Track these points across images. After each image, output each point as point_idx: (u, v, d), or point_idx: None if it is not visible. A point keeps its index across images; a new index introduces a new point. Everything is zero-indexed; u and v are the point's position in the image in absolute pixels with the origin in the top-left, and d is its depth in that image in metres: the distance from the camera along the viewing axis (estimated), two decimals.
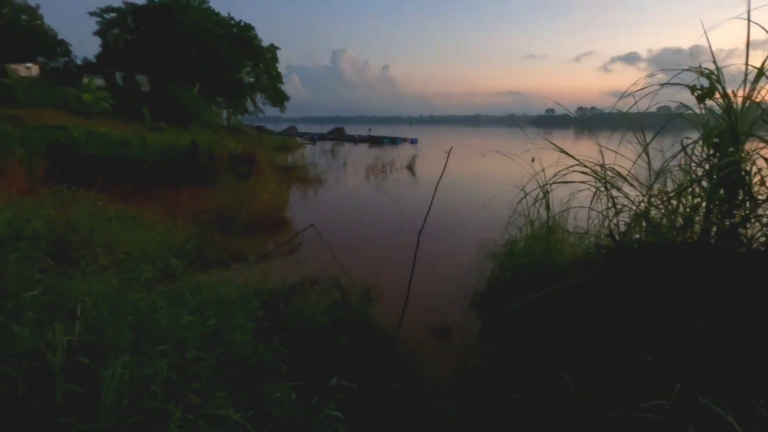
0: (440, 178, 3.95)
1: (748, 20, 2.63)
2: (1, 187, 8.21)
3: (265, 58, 37.89)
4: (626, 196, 3.07)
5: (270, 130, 49.88)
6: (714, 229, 2.56)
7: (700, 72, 2.62)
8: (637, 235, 2.92)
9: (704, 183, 2.62)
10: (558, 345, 3.00)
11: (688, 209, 2.69)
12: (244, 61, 36.23)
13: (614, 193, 3.11)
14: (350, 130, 56.88)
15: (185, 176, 14.26)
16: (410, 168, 19.50)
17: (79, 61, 35.50)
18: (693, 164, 2.74)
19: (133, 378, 2.02)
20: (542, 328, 3.10)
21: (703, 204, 2.60)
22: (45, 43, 32.69)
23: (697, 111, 2.85)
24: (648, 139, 3.14)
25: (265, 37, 46.20)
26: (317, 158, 21.04)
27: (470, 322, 4.38)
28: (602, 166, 3.14)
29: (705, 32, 2.74)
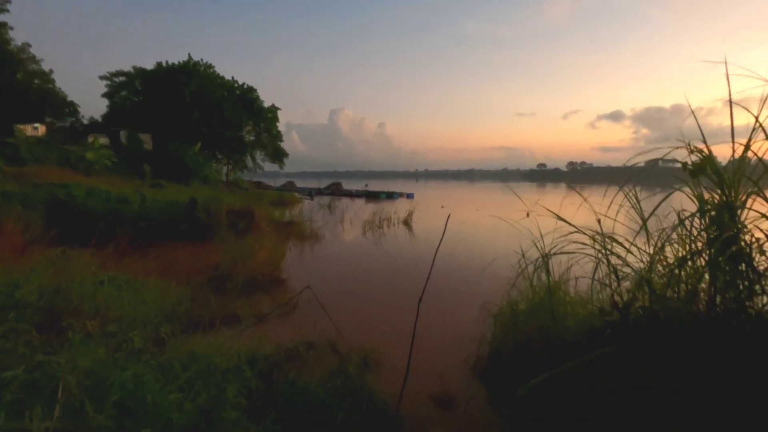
0: (438, 246, 3.94)
1: (728, 79, 2.76)
2: None
3: (266, 117, 39.40)
4: (626, 262, 3.05)
5: (268, 185, 50.74)
6: (718, 299, 2.52)
7: (689, 150, 2.72)
8: (640, 303, 2.87)
9: (705, 255, 2.62)
10: (567, 418, 2.85)
11: (690, 279, 2.67)
12: (245, 120, 37.60)
13: (613, 260, 3.10)
14: (347, 184, 57.95)
15: (183, 232, 14.28)
16: (407, 223, 19.61)
17: (85, 121, 36.78)
18: (692, 236, 2.75)
19: None
20: (552, 404, 2.95)
21: (707, 275, 2.58)
22: (54, 105, 33.99)
23: (683, 159, 2.91)
24: (638, 192, 3.24)
25: (267, 98, 48.45)
26: (314, 213, 21.14)
27: (474, 392, 4.17)
28: (601, 234, 3.15)
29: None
